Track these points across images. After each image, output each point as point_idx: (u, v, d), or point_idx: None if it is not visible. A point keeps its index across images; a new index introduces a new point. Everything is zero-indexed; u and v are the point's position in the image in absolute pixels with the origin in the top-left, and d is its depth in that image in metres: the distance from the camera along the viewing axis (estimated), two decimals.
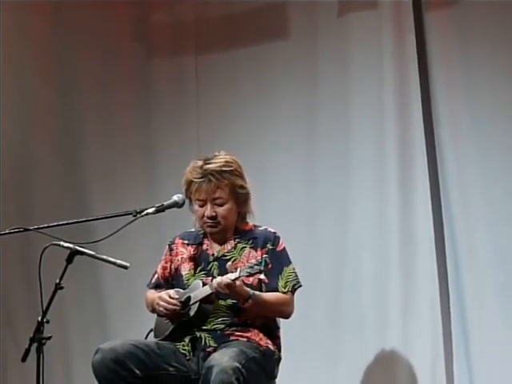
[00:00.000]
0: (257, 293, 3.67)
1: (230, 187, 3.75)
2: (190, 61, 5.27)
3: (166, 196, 3.76)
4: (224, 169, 3.74)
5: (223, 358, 3.47)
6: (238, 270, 3.59)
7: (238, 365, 3.45)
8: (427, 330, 4.53)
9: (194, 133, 5.23)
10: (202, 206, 3.78)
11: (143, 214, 3.60)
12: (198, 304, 3.68)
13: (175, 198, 3.74)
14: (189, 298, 3.72)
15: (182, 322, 3.73)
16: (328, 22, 4.91)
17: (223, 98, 5.19)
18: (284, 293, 3.74)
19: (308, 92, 4.96)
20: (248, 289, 3.65)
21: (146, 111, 5.32)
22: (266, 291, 3.73)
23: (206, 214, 3.76)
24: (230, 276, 3.58)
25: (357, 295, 4.74)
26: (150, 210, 3.63)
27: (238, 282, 3.59)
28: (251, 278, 3.70)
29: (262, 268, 3.58)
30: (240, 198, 3.79)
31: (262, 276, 3.70)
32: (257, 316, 3.73)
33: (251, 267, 3.57)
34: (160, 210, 3.67)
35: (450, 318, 4.55)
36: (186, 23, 5.27)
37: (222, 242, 3.85)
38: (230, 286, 3.57)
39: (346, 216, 4.80)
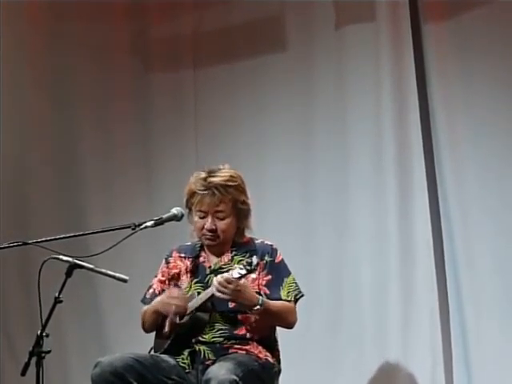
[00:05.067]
0: (265, 299, 3.66)
1: (232, 202, 3.75)
2: (188, 74, 5.29)
3: (165, 209, 3.76)
4: (229, 183, 3.74)
5: (220, 371, 3.46)
6: (230, 271, 3.58)
7: (235, 377, 3.44)
8: (427, 340, 4.53)
9: (192, 145, 5.25)
10: (202, 218, 3.78)
11: (142, 227, 3.59)
12: (192, 313, 3.68)
13: (174, 211, 3.73)
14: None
15: (179, 334, 3.73)
16: (325, 35, 4.93)
17: (221, 110, 5.21)
18: (288, 301, 3.74)
19: (305, 105, 4.98)
20: (257, 295, 3.65)
21: (144, 124, 5.34)
22: None
23: (205, 227, 3.76)
24: (234, 275, 3.56)
25: (356, 306, 4.74)
26: (149, 223, 3.62)
27: (242, 282, 3.57)
28: (255, 285, 3.70)
29: (253, 267, 3.55)
30: (241, 214, 3.79)
31: (252, 275, 3.68)
32: (257, 328, 3.72)
33: (241, 268, 3.55)
34: (159, 223, 3.66)
35: (450, 329, 4.55)
36: (183, 37, 5.29)
37: (218, 254, 3.84)
38: (232, 282, 3.54)
39: (345, 228, 4.80)
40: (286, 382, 3.89)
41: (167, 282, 3.89)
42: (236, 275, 3.56)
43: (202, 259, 3.86)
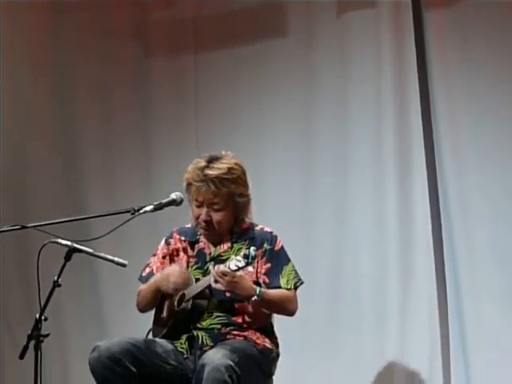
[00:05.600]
0: (263, 289, 3.65)
1: (228, 195, 3.71)
2: (189, 60, 5.27)
3: (164, 194, 3.76)
4: (225, 176, 3.69)
5: (216, 356, 3.46)
6: (227, 263, 3.57)
7: (230, 362, 3.44)
8: (425, 329, 4.54)
9: (192, 131, 5.23)
10: (198, 207, 3.77)
11: (141, 211, 3.60)
12: (191, 300, 3.68)
13: (173, 196, 3.73)
14: (183, 295, 3.73)
15: (177, 320, 3.73)
16: (326, 21, 4.91)
17: (222, 97, 5.19)
18: (287, 290, 3.73)
19: (306, 91, 4.97)
20: (254, 285, 3.64)
21: (144, 110, 5.32)
22: None
23: (200, 217, 3.76)
24: (231, 266, 3.55)
25: (355, 295, 4.74)
26: (148, 208, 3.62)
27: (238, 273, 3.56)
28: (254, 275, 3.69)
29: (250, 260, 3.54)
30: (238, 206, 3.76)
31: (250, 268, 3.65)
32: (256, 316, 3.72)
33: (239, 260, 3.54)
34: (158, 207, 3.67)
35: (448, 318, 4.55)
36: (184, 21, 5.27)
37: (216, 243, 3.83)
38: (228, 274, 3.53)
39: (344, 216, 4.80)
40: (285, 370, 3.90)
41: (166, 262, 3.88)
42: (233, 267, 3.55)
43: (202, 244, 3.85)
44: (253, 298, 3.62)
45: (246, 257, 3.54)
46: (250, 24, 5.12)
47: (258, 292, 3.62)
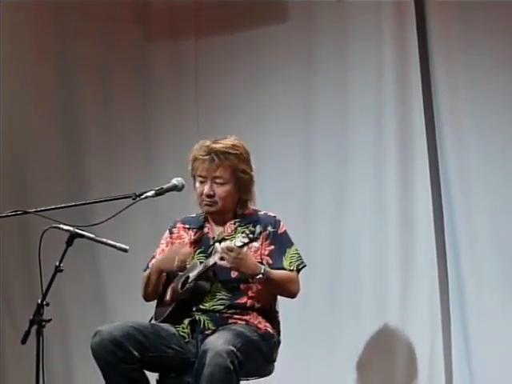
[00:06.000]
0: (267, 268, 3.66)
1: (231, 169, 3.75)
2: (189, 44, 5.26)
3: (165, 179, 3.76)
4: (229, 150, 3.75)
5: (218, 342, 3.46)
6: (233, 240, 3.59)
7: (232, 348, 3.44)
8: (426, 312, 4.56)
9: (193, 116, 5.23)
10: (202, 183, 3.79)
11: (142, 197, 3.60)
12: (194, 281, 3.69)
13: (174, 181, 3.74)
14: (187, 278, 3.73)
15: (179, 302, 3.74)
16: (327, 6, 4.90)
17: (222, 81, 5.19)
18: (290, 271, 3.75)
19: (306, 76, 4.96)
20: (259, 264, 3.66)
21: (144, 94, 5.32)
22: None
23: (204, 192, 3.77)
24: (236, 243, 3.57)
25: (355, 278, 4.75)
26: (150, 194, 3.62)
27: (244, 250, 3.57)
28: (258, 255, 3.71)
29: (256, 236, 3.57)
30: (241, 183, 3.78)
31: (255, 244, 3.69)
32: (259, 297, 3.73)
33: (244, 237, 3.56)
34: (159, 193, 3.67)
35: (449, 301, 4.57)
36: (185, 6, 5.25)
37: (221, 223, 3.84)
38: (234, 250, 3.55)
39: (344, 200, 4.81)
40: (286, 354, 3.91)
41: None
42: (238, 243, 3.57)
43: (206, 230, 3.86)
44: (258, 276, 3.63)
45: (251, 233, 3.57)
46: (251, 9, 5.11)
47: (262, 270, 3.63)
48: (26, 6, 5.28)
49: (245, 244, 3.58)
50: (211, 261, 3.66)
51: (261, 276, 3.63)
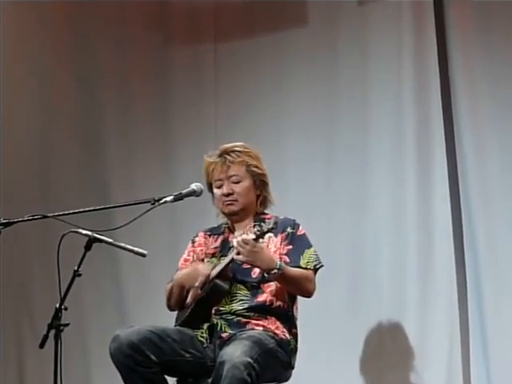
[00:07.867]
0: (283, 264, 3.66)
1: (244, 165, 3.79)
2: (209, 48, 5.26)
3: (184, 185, 3.76)
4: (238, 149, 3.81)
5: (235, 353, 3.44)
6: (248, 233, 3.60)
7: (249, 360, 3.42)
8: (444, 318, 4.53)
9: (212, 121, 5.23)
10: (219, 187, 3.81)
11: (161, 202, 3.60)
12: (213, 281, 3.69)
13: (193, 186, 3.74)
14: (207, 277, 3.73)
15: (199, 302, 3.73)
16: (348, 10, 4.89)
17: (242, 86, 5.19)
18: (306, 269, 3.73)
19: (327, 81, 4.95)
20: (275, 259, 3.65)
21: (163, 99, 5.32)
22: None
23: (222, 192, 3.79)
24: (251, 236, 3.57)
25: (374, 284, 4.74)
26: (169, 199, 3.63)
27: (259, 244, 3.57)
28: (277, 255, 3.70)
29: (271, 226, 3.56)
30: (256, 178, 3.81)
31: (272, 237, 3.70)
32: (277, 295, 3.71)
33: (260, 226, 3.57)
34: (178, 198, 3.67)
35: (467, 307, 4.54)
36: (205, 10, 5.26)
37: (243, 226, 3.83)
38: (249, 242, 3.54)
39: (365, 206, 4.79)
40: (304, 358, 3.89)
41: (190, 259, 3.91)
42: (252, 236, 3.56)
43: (226, 235, 3.88)
44: (273, 271, 3.61)
45: (265, 223, 3.58)
46: (271, 12, 5.11)
47: (278, 266, 3.62)
48: (47, 9, 5.29)
49: (261, 233, 3.56)
50: (229, 257, 3.66)
51: (276, 271, 3.61)
